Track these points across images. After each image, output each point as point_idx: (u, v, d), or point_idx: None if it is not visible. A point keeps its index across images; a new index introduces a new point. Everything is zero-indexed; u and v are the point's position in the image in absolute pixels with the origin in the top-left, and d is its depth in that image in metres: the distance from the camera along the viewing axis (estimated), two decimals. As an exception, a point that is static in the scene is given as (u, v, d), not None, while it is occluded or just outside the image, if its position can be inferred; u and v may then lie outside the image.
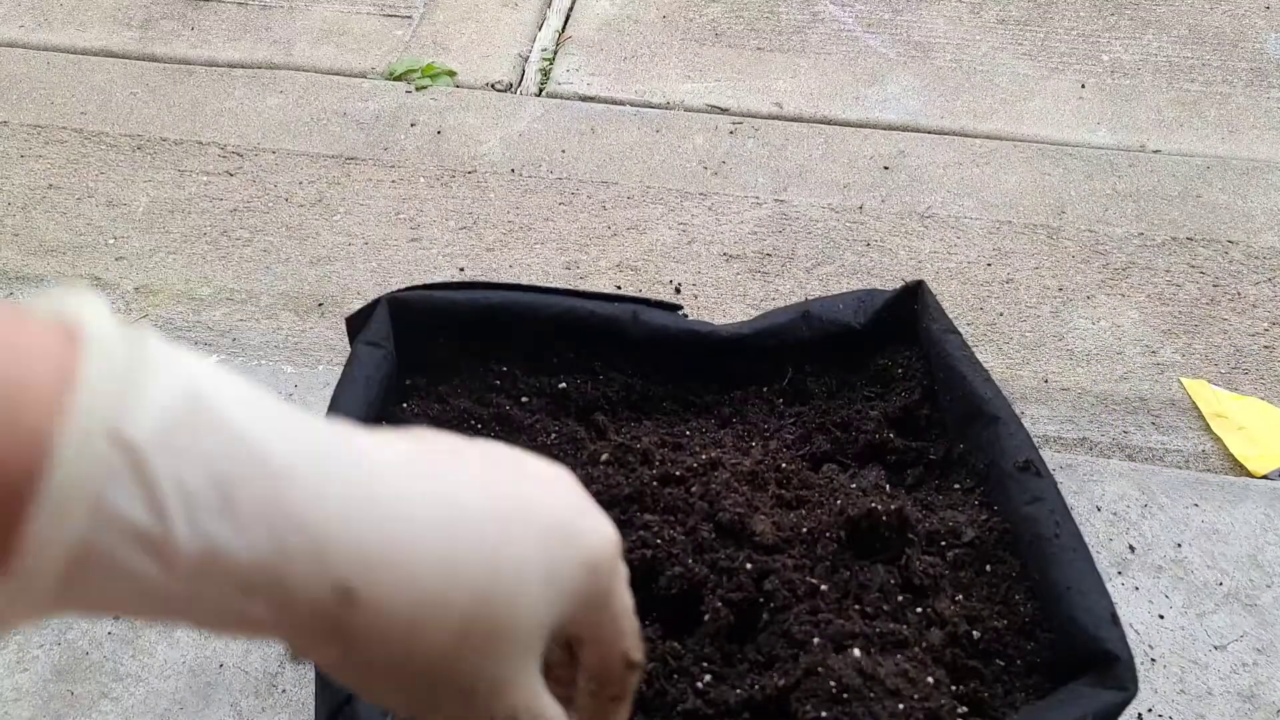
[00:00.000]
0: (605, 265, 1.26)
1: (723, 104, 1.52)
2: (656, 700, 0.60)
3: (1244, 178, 1.40)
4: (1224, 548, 0.96)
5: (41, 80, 1.50)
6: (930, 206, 1.35)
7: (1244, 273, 1.28)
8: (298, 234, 1.29)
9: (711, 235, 1.30)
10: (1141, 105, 1.53)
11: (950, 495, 0.74)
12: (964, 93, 1.54)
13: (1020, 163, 1.42)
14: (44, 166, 1.37)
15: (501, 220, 1.31)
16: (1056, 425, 1.10)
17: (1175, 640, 0.89)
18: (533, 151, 1.41)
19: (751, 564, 0.65)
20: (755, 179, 1.38)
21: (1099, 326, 1.21)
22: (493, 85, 1.54)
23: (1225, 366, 1.17)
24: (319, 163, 1.39)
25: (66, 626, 0.87)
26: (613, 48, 1.62)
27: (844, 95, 1.53)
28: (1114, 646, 0.60)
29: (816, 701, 0.57)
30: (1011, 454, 0.71)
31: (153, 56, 1.57)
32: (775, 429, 0.80)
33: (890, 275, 1.25)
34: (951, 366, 0.76)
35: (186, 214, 1.32)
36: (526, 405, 0.79)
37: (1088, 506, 0.99)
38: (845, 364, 0.83)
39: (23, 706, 0.83)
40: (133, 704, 0.83)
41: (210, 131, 1.43)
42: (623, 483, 0.70)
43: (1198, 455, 1.08)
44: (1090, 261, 1.28)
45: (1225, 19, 1.68)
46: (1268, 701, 0.86)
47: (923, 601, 0.66)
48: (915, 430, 0.79)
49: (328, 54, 1.58)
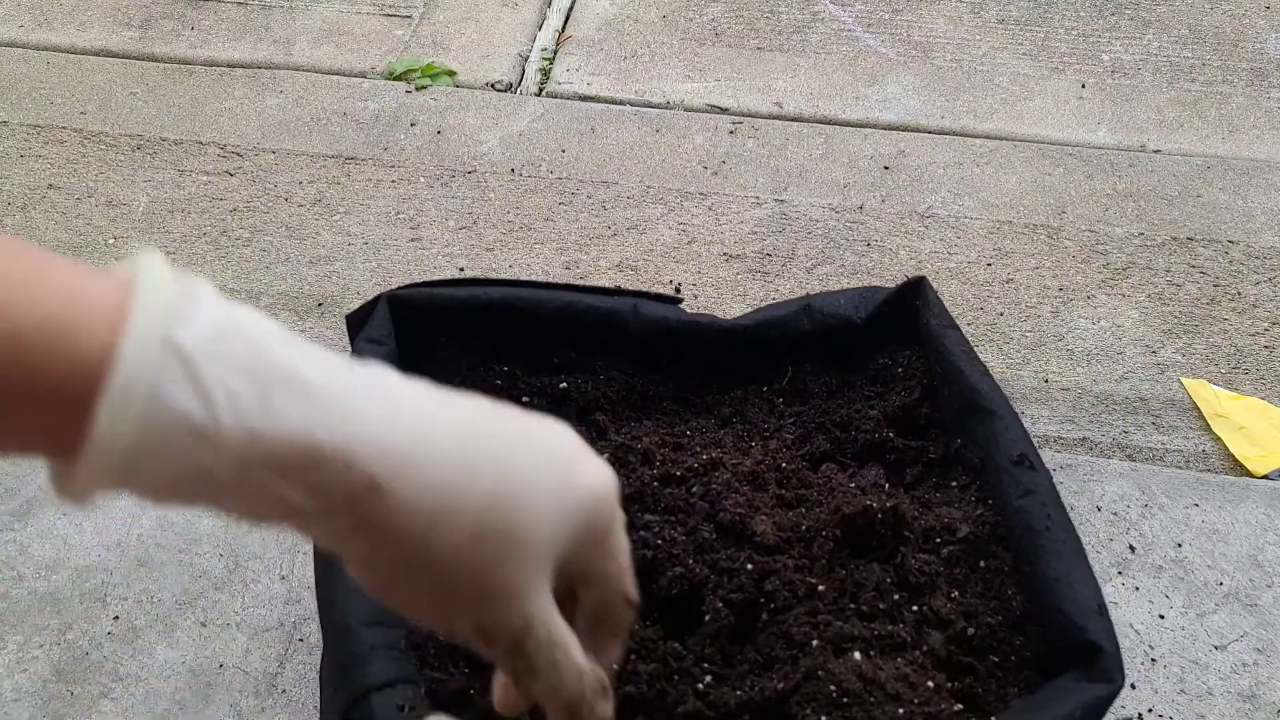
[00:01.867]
0: (605, 265, 1.26)
1: (723, 104, 1.52)
2: (657, 701, 0.60)
3: (1244, 178, 1.40)
4: (1224, 548, 0.96)
5: (41, 80, 1.50)
6: (930, 206, 1.35)
7: (1244, 273, 1.28)
8: (297, 234, 1.29)
9: (711, 235, 1.30)
10: (1142, 105, 1.53)
11: (947, 492, 0.74)
12: (964, 92, 1.54)
13: (1020, 163, 1.42)
14: (44, 166, 1.37)
15: (501, 220, 1.31)
16: (1057, 425, 1.10)
17: (1175, 640, 0.89)
18: (533, 151, 1.41)
19: (752, 564, 0.65)
20: (755, 179, 1.38)
21: (1099, 326, 1.21)
22: (493, 85, 1.54)
23: (1225, 366, 1.17)
24: (319, 162, 1.39)
25: (66, 627, 0.87)
26: (613, 47, 1.62)
27: (844, 95, 1.53)
28: (1099, 638, 0.60)
29: (816, 705, 0.57)
30: (1007, 448, 0.71)
31: (152, 56, 1.57)
32: (775, 428, 0.80)
33: (890, 275, 1.25)
34: (950, 362, 0.76)
35: (186, 214, 1.31)
36: (527, 405, 0.79)
37: (1088, 506, 0.99)
38: (845, 362, 0.83)
39: (22, 707, 0.83)
40: (132, 704, 0.83)
41: (210, 131, 1.43)
42: (623, 483, 0.70)
43: (1198, 455, 1.08)
44: (1090, 261, 1.28)
45: (1226, 19, 1.68)
46: (1268, 702, 0.86)
47: (918, 599, 0.66)
48: (915, 429, 0.79)
49: (327, 54, 1.58)
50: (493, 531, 0.34)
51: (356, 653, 0.58)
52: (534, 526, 0.35)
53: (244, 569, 0.91)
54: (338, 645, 0.60)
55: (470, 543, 0.33)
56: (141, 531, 0.93)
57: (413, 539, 0.33)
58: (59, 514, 0.95)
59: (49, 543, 0.93)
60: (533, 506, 0.35)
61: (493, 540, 0.34)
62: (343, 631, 0.60)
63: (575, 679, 0.37)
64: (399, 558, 0.33)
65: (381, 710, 0.55)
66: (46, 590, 0.90)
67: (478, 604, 0.35)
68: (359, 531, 0.32)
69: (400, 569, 0.33)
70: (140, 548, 0.92)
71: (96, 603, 0.89)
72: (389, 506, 0.32)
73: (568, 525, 0.36)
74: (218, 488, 0.31)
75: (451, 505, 0.33)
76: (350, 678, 0.57)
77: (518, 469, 0.35)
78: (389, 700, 0.55)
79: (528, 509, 0.34)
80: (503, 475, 0.34)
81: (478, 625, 0.35)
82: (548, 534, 0.35)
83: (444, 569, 0.33)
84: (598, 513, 0.37)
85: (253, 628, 0.88)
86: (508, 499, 0.34)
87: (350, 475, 0.31)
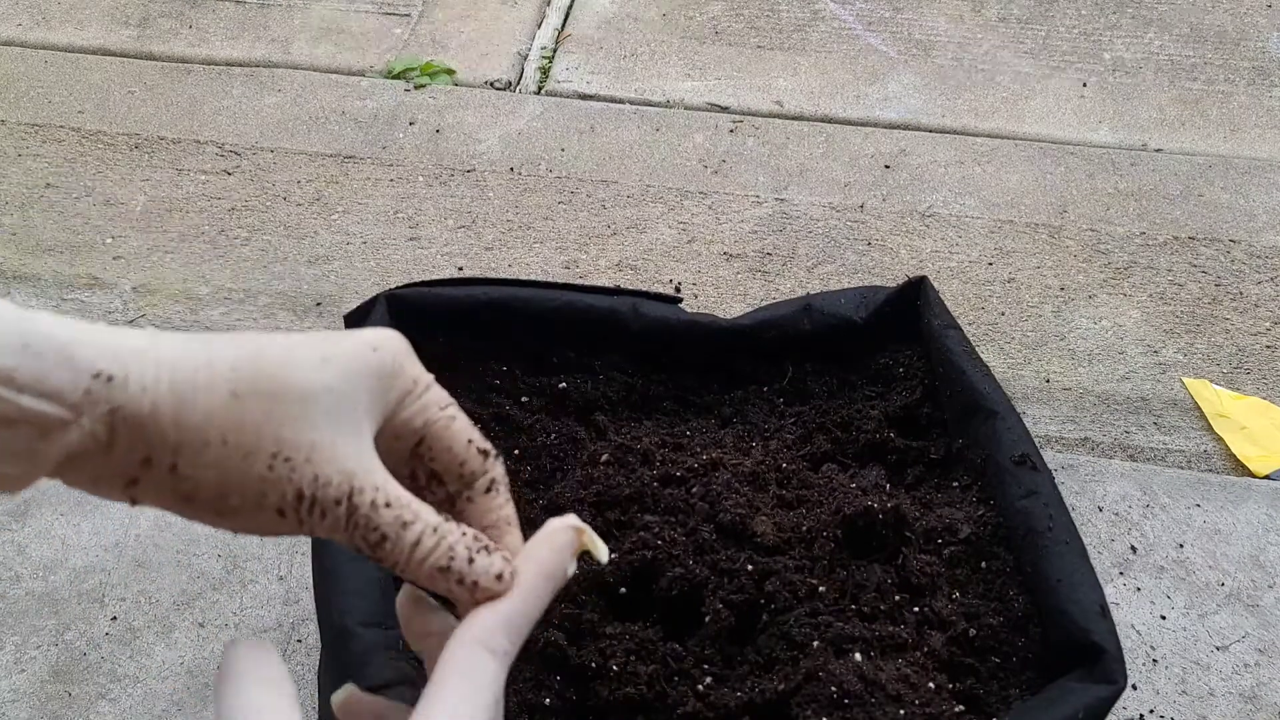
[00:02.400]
0: (605, 264, 1.25)
1: (723, 102, 1.51)
2: (657, 703, 0.60)
3: (1246, 177, 1.39)
4: (1226, 548, 0.96)
5: (39, 79, 1.50)
6: (931, 205, 1.34)
7: (1246, 272, 1.27)
8: (296, 233, 1.29)
9: (712, 234, 1.30)
10: (1143, 104, 1.52)
11: (949, 492, 0.74)
12: (965, 91, 1.54)
13: (1022, 161, 1.41)
14: (41, 165, 1.37)
15: (500, 219, 1.31)
16: (1058, 425, 1.10)
17: (1177, 641, 0.89)
18: (532, 150, 1.40)
19: (753, 565, 0.65)
20: (756, 178, 1.38)
21: (1101, 326, 1.20)
22: (492, 84, 1.54)
23: (1227, 366, 1.17)
24: (317, 161, 1.38)
25: (64, 627, 0.87)
26: (612, 46, 1.61)
27: (845, 94, 1.53)
28: (1102, 639, 0.59)
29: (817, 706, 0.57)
30: (1008, 449, 0.70)
31: (150, 55, 1.56)
32: (776, 429, 0.79)
33: (891, 274, 1.25)
34: (951, 362, 0.76)
35: (184, 213, 1.31)
36: (526, 405, 0.78)
37: (1090, 507, 0.98)
38: (846, 362, 0.83)
39: (20, 708, 0.82)
40: (130, 705, 0.83)
41: (208, 130, 1.42)
42: (623, 483, 0.70)
43: (1199, 455, 1.08)
44: (1092, 261, 1.28)
45: (1227, 17, 1.68)
46: (1269, 702, 0.85)
47: (920, 600, 0.66)
48: (916, 429, 0.79)
49: (326, 52, 1.57)
50: (250, 392, 0.32)
51: (354, 653, 0.58)
52: (301, 380, 0.33)
53: (242, 570, 0.91)
54: (335, 646, 0.60)
55: (227, 406, 0.32)
56: (139, 532, 0.93)
57: (163, 427, 0.31)
58: (57, 515, 0.95)
59: (47, 543, 0.93)
60: (294, 361, 0.33)
61: (252, 400, 0.32)
62: (340, 632, 0.59)
63: (434, 536, 0.34)
64: (164, 447, 0.32)
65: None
66: (44, 591, 0.89)
67: (274, 473, 0.33)
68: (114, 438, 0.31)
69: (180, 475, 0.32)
70: (138, 548, 0.92)
71: (94, 603, 0.89)
72: (126, 395, 0.31)
73: (349, 377, 0.34)
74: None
75: (192, 377, 0.32)
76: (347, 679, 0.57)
77: (266, 343, 0.34)
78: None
79: (289, 365, 0.33)
80: (244, 350, 0.33)
81: (297, 496, 0.33)
82: (323, 385, 0.33)
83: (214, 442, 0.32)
84: (381, 359, 0.35)
85: (251, 628, 0.87)
86: (257, 361, 0.33)
87: (77, 374, 0.30)
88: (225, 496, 0.33)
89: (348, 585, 0.61)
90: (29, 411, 0.30)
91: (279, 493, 0.33)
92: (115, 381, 0.31)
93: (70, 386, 0.30)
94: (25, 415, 0.30)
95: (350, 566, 0.62)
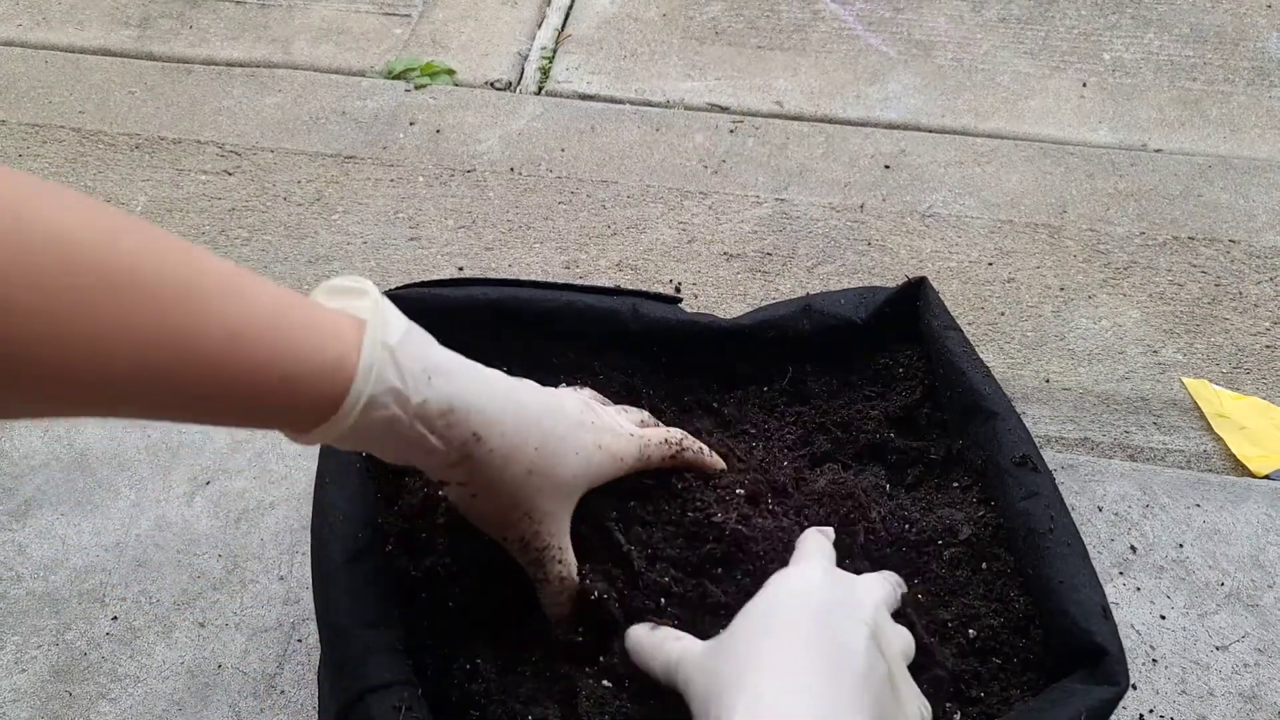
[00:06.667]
0: (605, 264, 1.25)
1: (723, 102, 1.51)
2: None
3: (1246, 177, 1.39)
4: (1226, 548, 0.96)
5: (39, 79, 1.50)
6: (931, 205, 1.34)
7: (1246, 272, 1.27)
8: (296, 233, 1.29)
9: (712, 234, 1.30)
10: (1143, 104, 1.52)
11: (949, 493, 0.74)
12: (965, 91, 1.54)
13: (1022, 162, 1.41)
14: (42, 166, 1.37)
15: (500, 219, 1.31)
16: (1058, 425, 1.10)
17: (1177, 641, 0.89)
18: (532, 150, 1.40)
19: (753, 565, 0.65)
20: (756, 178, 1.38)
21: (1100, 326, 1.21)
22: (492, 84, 1.54)
23: (1227, 366, 1.17)
24: (317, 162, 1.38)
25: (64, 627, 0.87)
26: (612, 46, 1.61)
27: (845, 94, 1.53)
28: (1104, 640, 0.59)
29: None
30: (1009, 449, 0.70)
31: (151, 55, 1.56)
32: (776, 429, 0.79)
33: (892, 274, 1.25)
34: (951, 363, 0.76)
35: (185, 213, 1.31)
36: (526, 405, 0.78)
37: (1089, 507, 0.98)
38: (846, 362, 0.83)
39: (21, 707, 0.82)
40: (131, 705, 0.83)
41: (208, 130, 1.42)
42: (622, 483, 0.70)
43: (1199, 455, 1.08)
44: (1092, 261, 1.28)
45: (1227, 18, 1.68)
46: (1270, 702, 0.85)
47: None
48: (916, 430, 0.79)
49: (326, 53, 1.57)
50: (538, 472, 0.53)
51: (354, 653, 0.58)
52: (569, 478, 0.55)
53: (242, 569, 0.91)
54: (335, 646, 0.60)
55: (525, 477, 0.53)
56: (140, 532, 0.93)
57: (492, 471, 0.52)
58: (57, 514, 0.95)
59: (47, 543, 0.93)
60: (565, 457, 0.54)
61: (537, 477, 0.53)
62: (340, 632, 0.59)
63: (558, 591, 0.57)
64: (484, 484, 0.52)
65: (378, 711, 0.55)
66: (45, 591, 0.90)
67: (524, 520, 0.54)
68: (462, 466, 0.51)
69: (483, 492, 0.53)
70: (139, 548, 0.92)
71: (95, 603, 0.89)
72: (483, 450, 0.51)
73: (593, 480, 0.57)
74: (392, 433, 0.47)
75: (516, 450, 0.52)
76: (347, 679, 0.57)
77: (552, 430, 0.54)
78: (385, 701, 0.55)
79: (562, 458, 0.54)
80: (544, 433, 0.53)
81: (521, 536, 0.55)
82: (575, 483, 0.56)
83: (508, 493, 0.53)
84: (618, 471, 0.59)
85: (251, 628, 0.87)
86: (547, 450, 0.53)
87: (465, 429, 0.50)
88: (481, 519, 0.55)
89: (347, 585, 0.61)
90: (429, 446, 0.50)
91: (515, 532, 0.55)
92: (481, 441, 0.51)
93: (458, 440, 0.50)
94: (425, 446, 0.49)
95: (349, 567, 0.62)
